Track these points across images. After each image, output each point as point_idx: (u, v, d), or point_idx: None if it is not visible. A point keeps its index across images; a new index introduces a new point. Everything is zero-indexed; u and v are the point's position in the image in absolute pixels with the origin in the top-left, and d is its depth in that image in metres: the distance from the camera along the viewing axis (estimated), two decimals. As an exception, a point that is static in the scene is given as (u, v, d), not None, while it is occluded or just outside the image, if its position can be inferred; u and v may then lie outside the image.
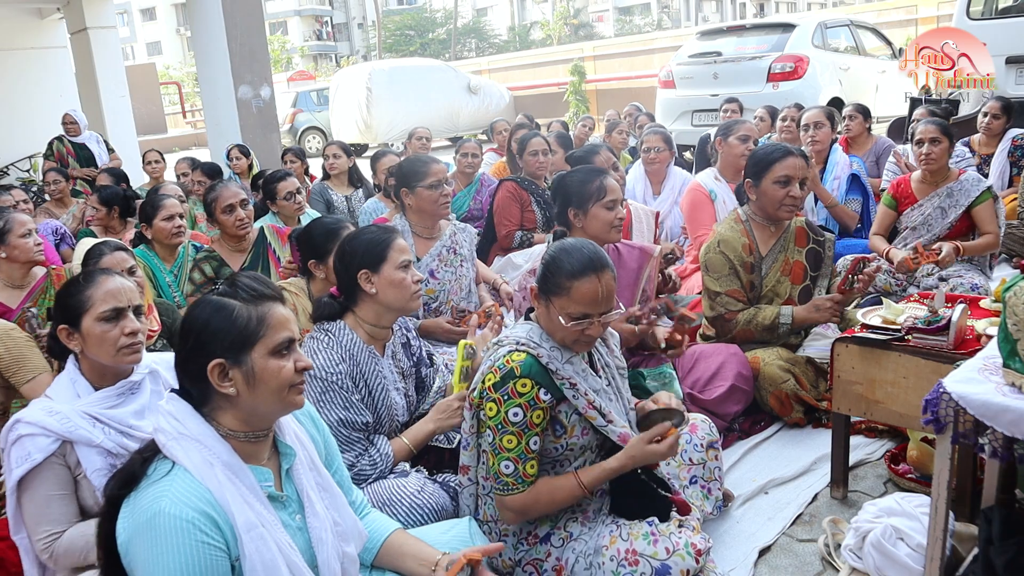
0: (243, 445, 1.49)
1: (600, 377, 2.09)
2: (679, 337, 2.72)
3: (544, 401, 1.91)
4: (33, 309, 2.94)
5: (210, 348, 1.43)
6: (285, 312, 1.51)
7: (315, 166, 7.17)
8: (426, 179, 3.26)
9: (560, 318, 1.93)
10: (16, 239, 3.05)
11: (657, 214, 4.43)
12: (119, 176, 5.97)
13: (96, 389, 1.94)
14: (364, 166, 6.06)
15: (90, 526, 1.81)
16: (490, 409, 1.93)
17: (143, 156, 6.93)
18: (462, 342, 2.27)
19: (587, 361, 2.09)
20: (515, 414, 1.89)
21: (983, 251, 3.90)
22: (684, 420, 2.05)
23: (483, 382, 1.97)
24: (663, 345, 2.74)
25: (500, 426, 1.91)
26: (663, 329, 2.76)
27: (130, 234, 4.55)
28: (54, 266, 3.40)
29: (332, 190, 5.60)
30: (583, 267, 1.93)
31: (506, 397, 1.90)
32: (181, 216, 3.74)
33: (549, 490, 1.95)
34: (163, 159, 6.90)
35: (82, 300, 1.93)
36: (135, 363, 1.97)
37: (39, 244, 3.16)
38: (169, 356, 2.00)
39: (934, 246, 3.74)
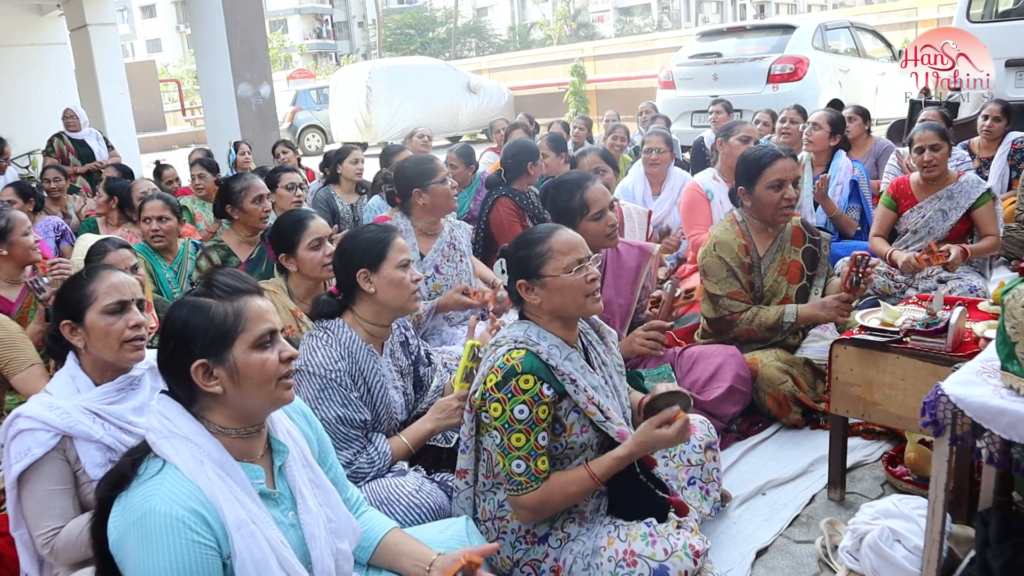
0: (235, 442, 1.48)
1: (597, 374, 2.09)
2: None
3: (548, 396, 1.90)
4: (45, 278, 3.01)
5: (191, 349, 1.42)
6: (263, 304, 1.50)
7: (315, 166, 7.12)
8: (437, 175, 3.35)
9: (562, 276, 1.97)
10: (18, 237, 3.10)
11: (649, 213, 4.46)
12: (126, 171, 5.96)
13: (96, 385, 1.94)
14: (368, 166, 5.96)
15: (87, 517, 1.81)
16: (495, 409, 1.92)
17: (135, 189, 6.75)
18: (469, 342, 2.26)
19: (584, 358, 2.09)
20: (520, 411, 1.89)
21: (986, 253, 3.91)
22: (690, 403, 2.04)
23: (484, 383, 1.96)
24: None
25: (507, 425, 1.90)
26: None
27: (123, 230, 4.57)
28: (50, 259, 3.41)
29: (338, 197, 5.32)
30: (550, 228, 2.08)
31: (510, 395, 1.89)
32: (167, 218, 3.76)
33: (561, 485, 1.94)
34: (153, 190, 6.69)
35: (86, 294, 1.93)
36: (138, 360, 1.97)
37: (37, 241, 3.21)
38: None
39: (942, 247, 3.72)
